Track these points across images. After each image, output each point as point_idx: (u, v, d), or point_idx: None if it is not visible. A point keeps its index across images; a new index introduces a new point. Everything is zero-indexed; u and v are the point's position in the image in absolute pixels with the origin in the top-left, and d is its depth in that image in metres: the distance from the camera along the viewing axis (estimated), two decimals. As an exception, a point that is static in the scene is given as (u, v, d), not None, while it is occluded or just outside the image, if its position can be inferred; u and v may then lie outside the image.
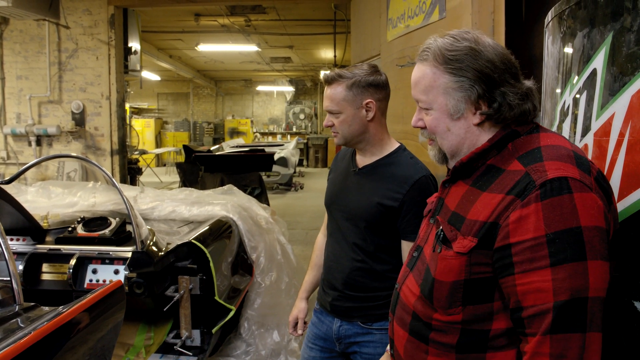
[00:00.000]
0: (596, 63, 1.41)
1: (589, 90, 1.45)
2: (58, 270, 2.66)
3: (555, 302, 0.98)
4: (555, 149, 1.09)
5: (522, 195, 1.04)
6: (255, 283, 3.50)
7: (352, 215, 1.90)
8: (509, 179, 1.09)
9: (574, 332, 0.97)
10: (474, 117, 1.18)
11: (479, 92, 1.14)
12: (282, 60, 15.71)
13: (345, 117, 1.85)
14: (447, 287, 1.15)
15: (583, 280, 0.97)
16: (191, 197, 3.81)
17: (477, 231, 1.10)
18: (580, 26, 1.50)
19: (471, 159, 1.19)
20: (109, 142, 7.32)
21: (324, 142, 19.48)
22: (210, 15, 9.71)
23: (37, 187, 3.77)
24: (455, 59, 1.15)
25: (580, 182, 1.01)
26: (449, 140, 1.22)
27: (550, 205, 1.00)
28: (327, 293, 2.00)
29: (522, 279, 1.02)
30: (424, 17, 4.00)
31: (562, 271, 0.98)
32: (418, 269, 1.28)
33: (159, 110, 21.26)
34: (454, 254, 1.13)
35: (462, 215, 1.16)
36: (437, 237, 1.20)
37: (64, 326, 1.47)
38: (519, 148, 1.14)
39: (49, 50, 7.18)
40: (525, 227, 1.02)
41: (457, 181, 1.25)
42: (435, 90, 1.19)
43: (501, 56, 1.15)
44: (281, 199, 11.55)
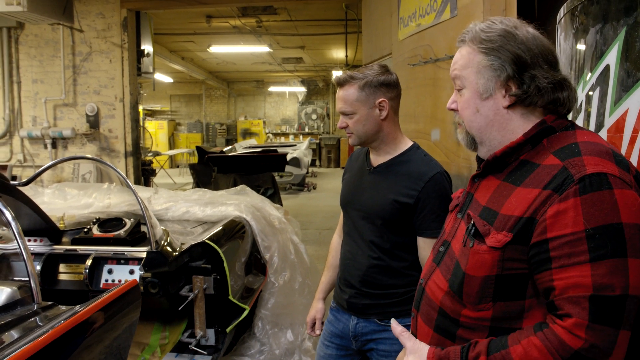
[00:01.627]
0: (609, 59, 1.40)
1: (602, 87, 1.44)
2: (74, 271, 2.69)
3: (592, 294, 0.97)
4: (593, 145, 1.08)
5: (559, 190, 1.03)
6: (268, 283, 3.51)
7: (368, 213, 1.92)
8: (545, 174, 1.08)
9: (609, 325, 0.96)
10: (504, 100, 1.18)
11: (508, 72, 1.15)
12: (294, 61, 15.72)
13: (359, 117, 1.87)
14: (478, 282, 1.14)
15: (623, 278, 0.96)
16: (204, 198, 3.83)
17: (513, 226, 1.09)
18: (593, 22, 1.50)
19: (505, 153, 1.18)
20: (123, 144, 7.39)
21: (336, 142, 19.47)
22: (221, 17, 9.75)
23: (53, 189, 3.81)
24: (489, 39, 1.17)
25: (620, 179, 1.00)
26: (477, 122, 1.22)
27: (590, 200, 0.99)
28: (344, 291, 2.01)
29: (560, 274, 1.01)
30: (435, 15, 3.99)
31: (602, 267, 0.97)
32: (446, 264, 1.27)
33: (172, 112, 21.39)
34: (487, 249, 1.12)
35: (494, 210, 1.15)
36: (469, 232, 1.19)
37: (80, 325, 1.49)
38: (554, 144, 1.13)
39: (64, 54, 7.27)
40: (563, 222, 1.01)
41: (488, 176, 1.24)
42: (469, 69, 1.21)
43: (538, 41, 1.16)
44: (294, 199, 11.56)
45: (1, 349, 1.29)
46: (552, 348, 0.99)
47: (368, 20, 6.59)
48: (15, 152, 7.56)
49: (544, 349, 1.00)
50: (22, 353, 1.28)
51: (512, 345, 1.04)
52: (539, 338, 1.01)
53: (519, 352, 1.03)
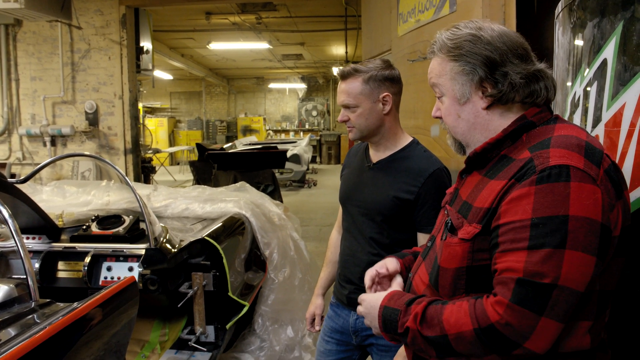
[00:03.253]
0: (606, 53, 1.40)
1: (599, 81, 1.44)
2: (73, 268, 2.69)
3: (520, 277, 1.00)
4: (565, 138, 1.08)
5: (521, 179, 1.05)
6: (268, 279, 3.51)
7: (368, 209, 1.92)
8: (515, 166, 1.10)
9: (530, 309, 0.98)
10: (482, 101, 1.20)
11: (480, 74, 1.17)
12: (294, 57, 15.70)
13: (362, 110, 1.87)
14: (451, 274, 1.17)
15: (555, 267, 0.98)
16: (204, 195, 3.83)
17: (482, 218, 1.11)
18: (591, 16, 1.49)
19: (485, 149, 1.20)
20: (123, 141, 7.38)
21: (336, 139, 19.46)
22: (221, 14, 9.74)
23: (52, 186, 3.81)
24: (455, 45, 1.19)
25: (583, 172, 1.01)
26: (460, 127, 1.25)
27: (543, 191, 1.01)
28: (344, 287, 2.02)
29: (501, 257, 1.04)
30: (435, 11, 3.98)
31: (537, 255, 0.99)
32: (430, 258, 1.30)
33: (172, 109, 21.37)
34: (458, 241, 1.15)
35: (470, 203, 1.18)
36: (445, 226, 1.23)
37: (78, 321, 1.49)
38: (532, 138, 1.14)
39: (62, 51, 7.25)
40: (514, 210, 1.04)
41: (472, 172, 1.26)
42: (443, 77, 1.23)
43: (505, 38, 1.17)
44: (294, 196, 11.56)
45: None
46: (474, 314, 1.04)
47: (367, 16, 6.57)
48: (14, 150, 7.55)
49: (467, 313, 1.05)
50: (19, 350, 1.28)
51: (449, 304, 1.10)
52: (469, 304, 1.07)
53: (449, 309, 1.09)
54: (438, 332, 1.08)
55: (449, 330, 1.06)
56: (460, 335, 1.05)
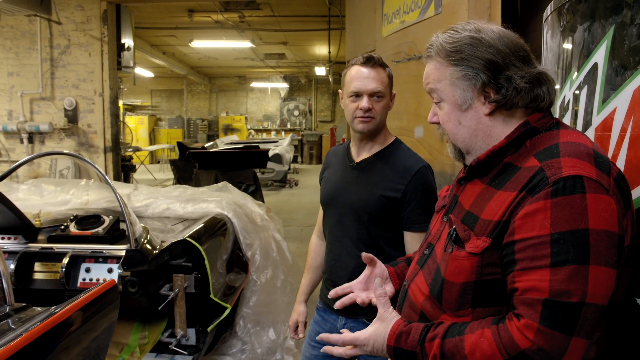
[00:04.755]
0: (597, 57, 1.39)
1: (589, 85, 1.43)
2: (50, 270, 2.62)
3: (547, 298, 0.95)
4: (574, 145, 1.04)
5: (533, 192, 1.01)
6: (250, 281, 3.47)
7: (354, 210, 1.90)
8: (523, 176, 1.05)
9: (560, 331, 0.94)
10: (484, 107, 1.15)
11: (483, 79, 1.12)
12: (276, 57, 15.65)
13: (385, 102, 1.88)
14: (457, 289, 1.12)
15: (582, 285, 0.94)
16: (185, 194, 3.77)
17: (491, 231, 1.07)
18: (581, 20, 1.48)
19: (488, 157, 1.16)
20: (102, 139, 7.26)
21: (318, 139, 19.45)
22: (203, 12, 9.65)
23: (29, 184, 3.72)
24: (455, 50, 1.14)
25: (596, 183, 0.97)
26: (461, 134, 1.19)
27: (560, 204, 0.97)
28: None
29: (521, 276, 0.99)
30: (420, 12, 3.97)
31: (561, 272, 0.95)
32: (428, 267, 1.25)
33: (153, 107, 21.16)
34: (466, 255, 1.10)
35: (476, 214, 1.13)
36: (450, 237, 1.17)
37: (56, 327, 1.44)
38: (537, 145, 1.10)
39: (41, 47, 7.11)
40: (531, 225, 0.99)
41: (473, 179, 1.22)
42: (442, 82, 1.18)
43: (505, 40, 1.13)
44: (276, 196, 11.52)
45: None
46: (500, 343, 0.98)
47: (352, 16, 6.56)
48: (-10, 146, 7.39)
49: (493, 343, 0.99)
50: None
51: (467, 333, 1.04)
52: (492, 331, 1.01)
53: (471, 340, 1.02)
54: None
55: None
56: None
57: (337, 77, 15.04)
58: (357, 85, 1.84)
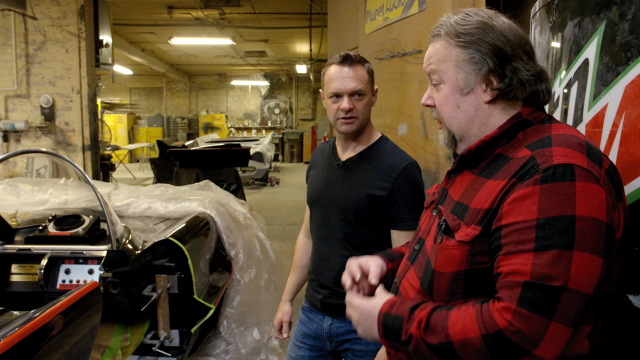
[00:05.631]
0: (588, 53, 1.38)
1: (580, 81, 1.42)
2: (28, 271, 2.55)
3: (527, 280, 0.95)
4: (566, 137, 1.04)
5: (523, 179, 1.01)
6: (234, 280, 3.42)
7: (340, 209, 1.87)
8: (514, 165, 1.05)
9: (538, 314, 0.93)
10: (485, 94, 1.14)
11: (489, 65, 1.11)
12: (257, 55, 15.56)
13: (367, 100, 1.84)
14: (448, 279, 1.11)
15: (564, 270, 0.93)
16: (167, 193, 3.71)
17: (481, 219, 1.06)
18: (571, 15, 1.47)
19: (479, 147, 1.15)
20: (81, 137, 7.13)
21: (299, 137, 19.41)
22: (183, 8, 9.55)
23: (5, 184, 3.62)
24: (466, 32, 1.12)
25: (587, 171, 0.97)
26: (458, 118, 1.18)
27: (548, 190, 0.97)
28: (318, 291, 1.96)
29: (505, 260, 0.99)
30: (403, 9, 3.96)
31: (544, 257, 0.95)
32: (419, 262, 1.23)
33: (132, 105, 20.90)
34: (456, 243, 1.09)
35: (465, 204, 1.12)
36: (439, 227, 1.16)
37: (37, 332, 1.39)
38: (528, 137, 1.10)
39: (15, 42, 6.95)
40: (518, 210, 0.99)
41: (463, 171, 1.21)
42: (447, 63, 1.16)
43: (516, 32, 1.13)
44: (257, 194, 11.46)
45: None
46: (481, 319, 0.98)
47: (334, 13, 6.54)
48: (-37, 145, 7.22)
49: (474, 319, 0.99)
50: None
51: (454, 309, 1.04)
52: (475, 309, 1.01)
53: (455, 315, 1.02)
54: (443, 339, 1.02)
55: (454, 336, 1.00)
56: (466, 341, 0.99)
57: (318, 75, 15.01)
58: (336, 86, 1.80)
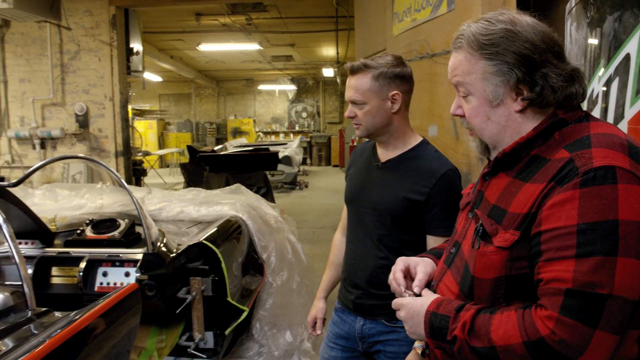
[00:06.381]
0: (630, 48, 1.35)
1: (621, 77, 1.39)
2: (68, 274, 2.61)
3: (569, 288, 0.93)
4: (606, 136, 1.01)
5: (562, 182, 0.98)
6: (266, 283, 3.44)
7: (376, 210, 1.86)
8: (553, 167, 1.02)
9: (583, 322, 0.91)
10: (515, 104, 1.11)
11: (518, 75, 1.07)
12: (284, 59, 15.64)
13: (369, 108, 1.80)
14: (489, 285, 1.09)
15: (608, 277, 0.91)
16: (199, 197, 3.76)
17: (520, 224, 1.04)
18: (610, 10, 1.44)
19: (514, 150, 1.12)
20: (113, 143, 7.27)
21: (327, 141, 19.42)
22: (211, 15, 9.65)
23: (44, 189, 3.72)
24: (490, 43, 1.08)
25: (630, 173, 0.94)
26: (489, 129, 1.15)
27: (589, 195, 0.94)
28: (350, 291, 1.95)
29: (546, 267, 0.97)
30: (432, 9, 3.93)
31: (586, 264, 0.92)
32: (456, 266, 1.21)
33: (161, 112, 21.22)
34: (495, 249, 1.07)
35: (503, 208, 1.10)
36: (477, 232, 1.14)
37: (80, 333, 1.42)
38: (566, 137, 1.06)
39: (51, 53, 7.13)
40: (558, 215, 0.97)
41: (499, 173, 1.18)
42: (472, 76, 1.12)
43: (541, 34, 1.08)
44: (286, 198, 11.51)
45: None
46: (523, 325, 0.97)
47: (361, 16, 6.53)
48: (2, 153, 7.41)
49: (516, 325, 0.98)
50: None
51: (497, 313, 1.04)
52: (517, 315, 1.00)
53: (497, 319, 1.02)
54: (486, 344, 1.01)
55: (496, 342, 0.99)
56: (508, 348, 0.98)
57: (344, 78, 14.99)
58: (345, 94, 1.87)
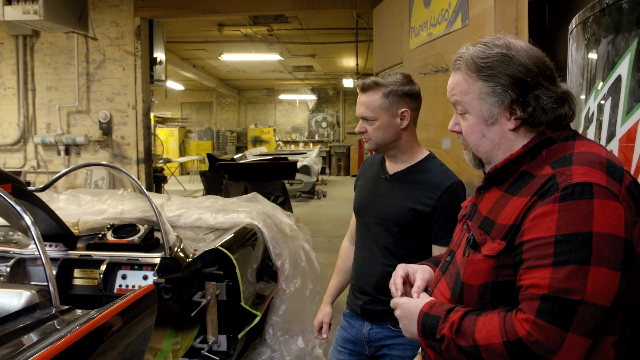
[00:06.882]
0: (621, 69, 1.42)
1: (613, 97, 1.46)
2: (89, 276, 2.73)
3: (545, 293, 1.00)
4: (587, 155, 1.09)
5: (544, 197, 1.06)
6: (280, 289, 3.52)
7: (384, 220, 1.94)
8: (537, 183, 1.10)
9: (556, 325, 0.99)
10: (509, 123, 1.19)
11: (512, 97, 1.16)
12: (305, 69, 15.79)
13: (379, 124, 1.89)
14: (476, 290, 1.17)
15: (580, 284, 0.98)
16: (216, 205, 3.85)
17: (506, 234, 1.12)
18: (605, 33, 1.51)
19: (505, 166, 1.20)
20: (135, 150, 7.45)
21: (346, 151, 19.49)
22: (233, 25, 9.84)
23: (68, 194, 3.86)
24: (487, 65, 1.17)
25: (605, 189, 1.02)
26: (484, 146, 1.24)
27: (567, 208, 1.02)
28: (358, 297, 2.03)
29: (526, 274, 1.05)
30: (447, 25, 4.01)
31: (562, 271, 1.00)
32: (450, 273, 1.30)
33: (183, 120, 21.52)
34: (482, 257, 1.15)
35: (492, 219, 1.18)
36: (468, 242, 1.22)
37: (97, 329, 1.51)
38: (552, 155, 1.15)
39: (78, 62, 7.36)
40: (539, 227, 1.04)
41: (492, 187, 1.26)
42: (469, 95, 1.21)
43: (535, 59, 1.16)
44: (304, 207, 11.58)
45: (21, 352, 1.31)
46: (503, 327, 1.05)
47: (379, 29, 6.62)
48: (29, 158, 7.65)
49: (497, 327, 1.06)
50: (40, 357, 1.29)
51: (482, 315, 1.11)
52: (499, 317, 1.08)
53: (482, 321, 1.10)
54: (471, 343, 1.09)
55: (480, 341, 1.07)
56: (490, 347, 1.05)
57: (364, 88, 15.01)
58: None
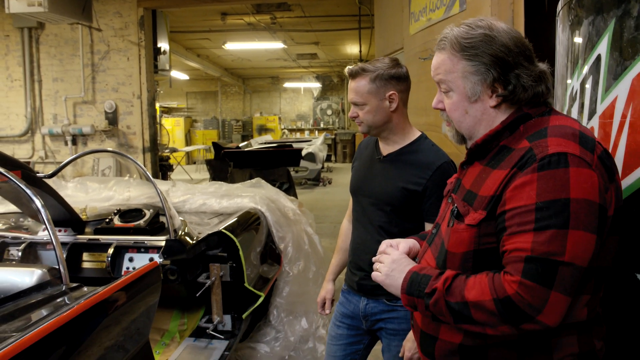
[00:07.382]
0: (600, 49, 1.47)
1: (594, 75, 1.51)
2: (97, 259, 2.82)
3: (528, 255, 1.08)
4: (560, 128, 1.17)
5: (522, 168, 1.13)
6: (283, 272, 3.60)
7: (378, 200, 2.02)
8: (516, 156, 1.17)
9: (540, 284, 1.06)
10: (491, 100, 1.26)
11: (494, 75, 1.23)
12: (308, 57, 15.79)
13: (369, 108, 1.97)
14: (459, 258, 1.25)
15: (560, 247, 1.06)
16: (220, 190, 3.92)
17: (487, 204, 1.19)
18: (587, 14, 1.56)
19: (485, 141, 1.27)
20: (141, 140, 7.54)
21: (351, 137, 19.51)
22: (236, 14, 9.87)
23: (75, 182, 3.94)
24: (470, 45, 1.23)
25: (579, 158, 1.09)
26: (466, 122, 1.31)
27: (545, 177, 1.09)
28: (354, 273, 2.12)
29: (509, 240, 1.12)
30: (445, 10, 4.04)
31: (542, 236, 1.07)
32: (435, 244, 1.37)
33: (188, 109, 21.58)
34: (465, 227, 1.23)
35: (474, 192, 1.25)
36: (452, 213, 1.30)
37: (102, 302, 1.59)
38: (529, 129, 1.22)
39: (83, 53, 7.44)
40: (519, 196, 1.12)
41: (474, 162, 1.33)
42: (453, 74, 1.27)
43: (515, 40, 1.23)
44: (310, 194, 11.65)
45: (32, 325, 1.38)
46: (493, 287, 1.12)
47: (380, 15, 6.65)
48: (37, 149, 7.77)
49: (487, 286, 1.13)
50: (43, 329, 1.33)
51: (471, 276, 1.18)
52: (487, 278, 1.15)
53: (472, 281, 1.17)
54: (459, 299, 1.16)
55: (469, 299, 1.14)
56: (480, 303, 1.13)
57: (368, 75, 15.00)
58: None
